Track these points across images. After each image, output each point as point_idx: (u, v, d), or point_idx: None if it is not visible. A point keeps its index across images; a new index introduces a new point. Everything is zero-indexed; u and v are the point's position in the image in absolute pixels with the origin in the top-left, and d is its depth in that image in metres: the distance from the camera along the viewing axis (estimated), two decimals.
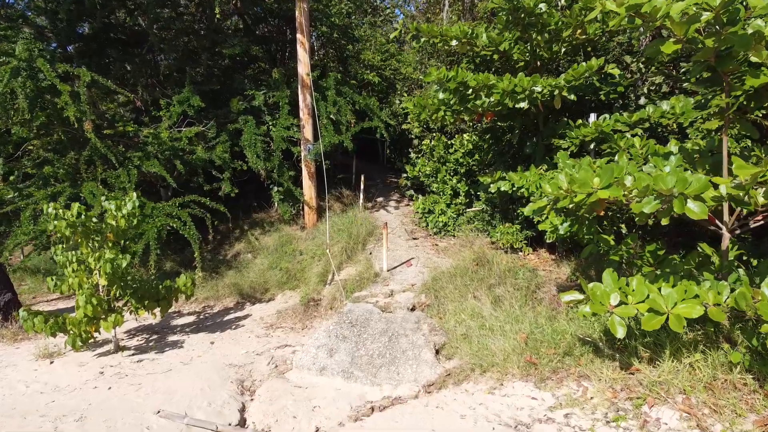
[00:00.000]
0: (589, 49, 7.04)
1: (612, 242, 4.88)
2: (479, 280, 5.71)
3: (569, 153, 6.82)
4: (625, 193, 3.45)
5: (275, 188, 9.28)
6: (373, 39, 14.07)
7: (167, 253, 8.95)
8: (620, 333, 3.54)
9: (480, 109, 6.56)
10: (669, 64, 7.61)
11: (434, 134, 10.16)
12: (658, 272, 4.10)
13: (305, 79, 8.74)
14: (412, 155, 10.22)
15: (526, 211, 4.56)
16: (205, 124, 8.72)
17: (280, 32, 11.95)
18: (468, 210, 8.76)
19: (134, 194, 5.42)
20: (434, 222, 8.59)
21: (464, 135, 9.26)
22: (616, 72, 5.88)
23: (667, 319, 3.43)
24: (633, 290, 3.85)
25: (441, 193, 8.98)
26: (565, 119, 6.89)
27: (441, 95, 6.30)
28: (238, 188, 9.05)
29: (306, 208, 9.17)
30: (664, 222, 3.28)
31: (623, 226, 5.72)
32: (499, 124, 8.17)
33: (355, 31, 12.24)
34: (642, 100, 7.44)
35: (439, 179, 9.03)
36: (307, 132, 8.92)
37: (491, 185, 6.90)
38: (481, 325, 5.12)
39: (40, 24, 8.83)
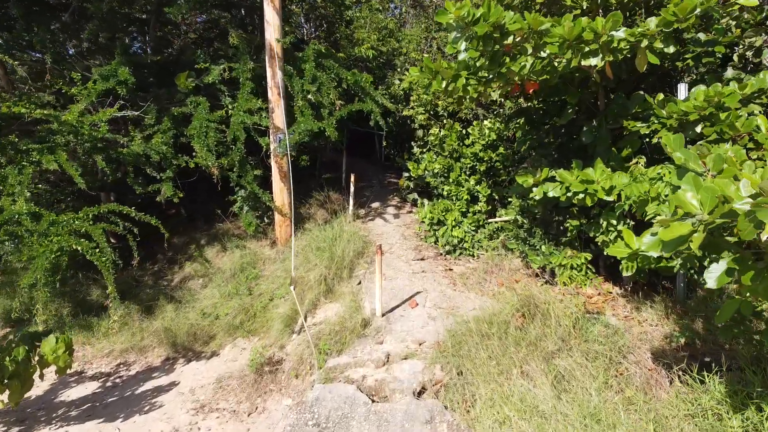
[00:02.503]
0: None
1: None
2: (529, 343, 3.54)
3: (642, 144, 4.70)
4: None
5: (239, 192, 7.14)
6: (369, 16, 11.94)
7: (95, 278, 6.79)
8: None
9: (517, 77, 4.41)
10: None
11: (444, 121, 8.00)
12: None
13: (275, 47, 6.57)
14: (416, 149, 8.07)
15: (646, 245, 2.39)
16: (141, 107, 6.56)
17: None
18: (491, 221, 6.59)
19: None
20: (446, 237, 6.42)
21: (485, 122, 7.09)
22: (754, 2, 3.71)
23: None
24: None
25: (454, 198, 6.83)
26: (641, 93, 4.74)
27: (462, 52, 4.13)
28: (200, 189, 6.93)
29: (277, 217, 6.99)
30: None
31: None
32: (533, 104, 6.02)
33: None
34: (729, 72, 5.28)
35: (451, 180, 6.87)
36: (278, 117, 6.75)
37: (534, 189, 4.76)
38: (539, 430, 2.97)
39: None
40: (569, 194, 4.50)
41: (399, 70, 9.85)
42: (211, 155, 6.23)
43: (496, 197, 6.81)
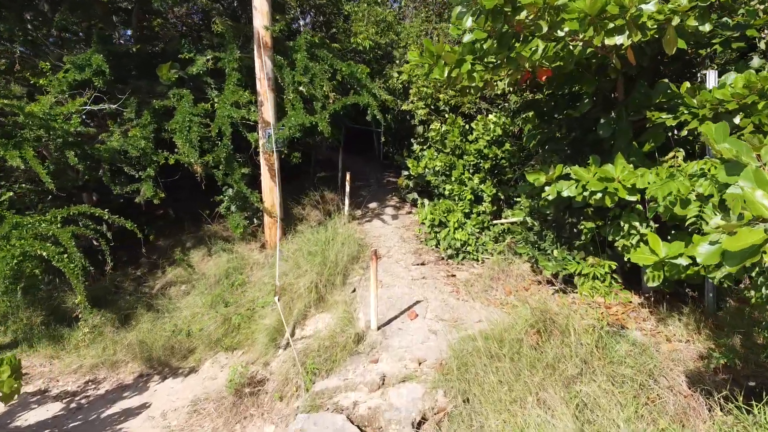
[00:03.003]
0: None
1: None
2: (546, 365, 3.07)
3: (666, 137, 4.22)
4: None
5: (227, 191, 6.66)
6: (367, 9, 11.46)
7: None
8: None
9: (528, 63, 3.95)
10: None
11: (446, 116, 7.52)
12: None
13: (263, 36, 6.10)
14: (416, 146, 7.60)
15: (702, 256, 1.91)
16: (120, 100, 6.08)
17: None
18: (496, 222, 6.13)
19: None
20: (448, 240, 5.95)
21: (489, 116, 6.62)
22: None
23: None
24: None
25: (457, 198, 6.36)
26: (666, 81, 4.27)
27: (467, 33, 3.66)
28: (185, 188, 6.46)
29: (267, 219, 6.52)
30: None
31: None
32: (542, 96, 5.56)
33: None
34: (755, 61, 4.80)
35: (453, 178, 6.41)
36: (267, 111, 6.28)
37: (546, 188, 4.29)
38: None
39: None
40: (586, 194, 4.04)
41: (397, 62, 9.38)
42: (194, 151, 5.76)
43: (502, 197, 6.35)
